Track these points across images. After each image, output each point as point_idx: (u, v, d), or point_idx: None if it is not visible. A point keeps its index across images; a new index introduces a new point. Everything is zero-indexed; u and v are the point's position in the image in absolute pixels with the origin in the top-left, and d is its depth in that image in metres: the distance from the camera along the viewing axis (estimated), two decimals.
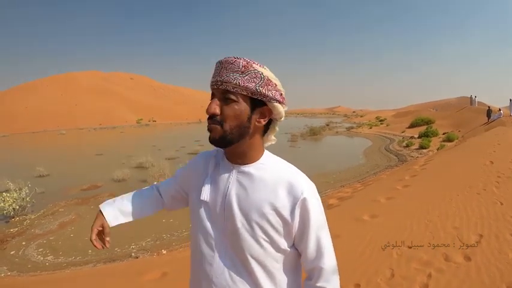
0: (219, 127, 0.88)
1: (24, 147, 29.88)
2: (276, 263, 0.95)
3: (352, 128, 40.03)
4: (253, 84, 0.86)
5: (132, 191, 1.21)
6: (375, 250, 3.36)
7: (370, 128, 36.94)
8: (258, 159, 0.98)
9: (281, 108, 0.95)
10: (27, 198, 9.03)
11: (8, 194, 8.63)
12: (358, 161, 15.88)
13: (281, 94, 0.94)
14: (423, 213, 4.28)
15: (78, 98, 77.75)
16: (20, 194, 8.87)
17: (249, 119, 0.90)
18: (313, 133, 31.77)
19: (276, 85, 0.92)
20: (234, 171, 0.97)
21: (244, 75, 0.86)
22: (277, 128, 1.03)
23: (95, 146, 27.91)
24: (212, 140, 0.90)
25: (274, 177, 0.94)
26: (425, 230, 3.68)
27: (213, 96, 0.91)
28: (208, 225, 0.99)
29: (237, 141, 0.91)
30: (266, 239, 0.92)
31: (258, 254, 0.93)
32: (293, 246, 0.96)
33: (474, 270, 2.70)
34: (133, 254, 6.32)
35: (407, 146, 19.15)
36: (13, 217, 8.57)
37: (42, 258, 6.40)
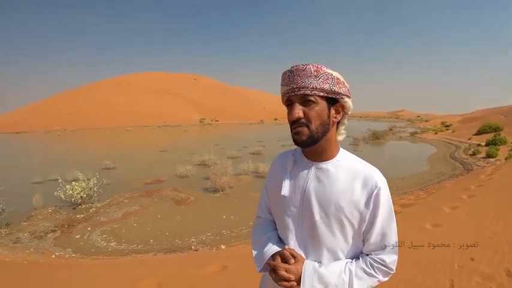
0: (306, 129, 0.96)
1: (92, 142, 32.42)
2: (346, 254, 1.03)
3: (416, 133, 37.63)
4: (328, 85, 0.95)
5: (261, 237, 1.17)
6: (437, 260, 3.19)
7: (435, 133, 34.80)
8: (335, 156, 1.06)
9: (350, 102, 1.04)
10: (95, 188, 9.40)
11: (77, 184, 9.07)
12: (421, 168, 14.77)
13: (348, 89, 1.03)
14: (487, 225, 3.95)
15: (143, 97, 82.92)
16: (88, 184, 9.27)
17: (328, 116, 0.99)
18: (376, 137, 30.56)
19: (344, 82, 1.01)
20: (312, 167, 1.06)
21: (317, 78, 0.94)
22: (346, 121, 1.09)
23: (159, 142, 29.30)
24: (300, 142, 0.98)
25: (350, 173, 1.02)
26: (490, 243, 3.39)
27: (290, 103, 0.99)
28: (286, 219, 1.08)
29: (321, 139, 0.99)
30: (341, 231, 1.01)
31: (332, 245, 1.02)
32: (361, 236, 1.03)
33: None
34: (193, 247, 6.26)
35: (473, 154, 17.69)
36: (80, 204, 8.94)
37: (105, 243, 6.51)
